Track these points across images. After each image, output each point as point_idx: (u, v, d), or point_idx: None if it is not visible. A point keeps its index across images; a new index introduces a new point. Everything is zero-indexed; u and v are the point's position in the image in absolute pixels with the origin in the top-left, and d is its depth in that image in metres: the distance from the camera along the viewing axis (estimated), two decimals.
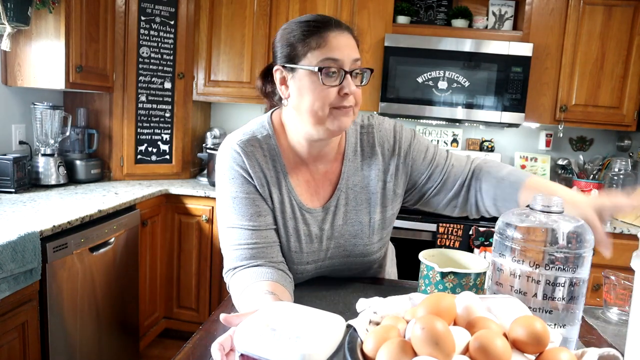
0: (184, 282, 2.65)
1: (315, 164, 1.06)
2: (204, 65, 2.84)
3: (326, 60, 0.92)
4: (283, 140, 1.05)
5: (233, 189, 1.00)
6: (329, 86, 0.93)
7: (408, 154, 1.10)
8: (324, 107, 0.94)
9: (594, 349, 0.58)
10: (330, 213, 1.06)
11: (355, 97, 0.96)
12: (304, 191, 1.05)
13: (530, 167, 2.96)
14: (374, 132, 1.10)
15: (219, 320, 0.89)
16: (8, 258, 1.40)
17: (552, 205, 0.76)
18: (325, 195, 1.07)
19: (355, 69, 0.95)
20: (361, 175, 1.09)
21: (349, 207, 1.07)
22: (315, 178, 1.06)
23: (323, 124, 0.96)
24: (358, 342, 0.60)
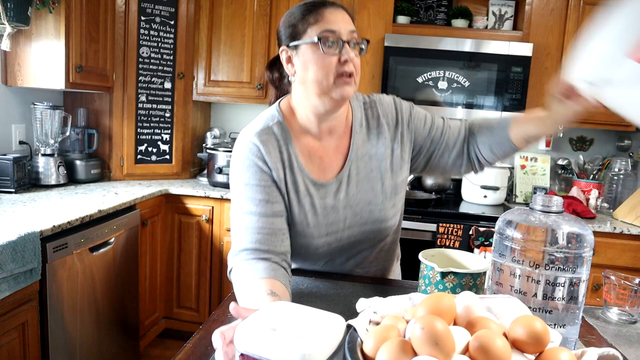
0: (184, 282, 2.65)
1: (326, 139, 1.12)
2: (204, 65, 2.84)
3: (324, 32, 1.00)
4: (293, 124, 1.11)
5: (246, 176, 1.05)
6: (329, 54, 1.00)
7: (410, 122, 1.18)
8: (327, 75, 1.01)
9: (594, 349, 0.58)
10: (344, 183, 1.11)
11: (355, 66, 1.03)
12: (316, 168, 1.10)
13: (530, 167, 2.97)
14: (377, 106, 1.17)
15: (219, 320, 0.89)
16: (8, 258, 1.40)
17: (552, 205, 0.76)
18: (337, 168, 1.12)
19: (352, 39, 1.02)
20: (369, 145, 1.15)
21: (360, 176, 1.12)
22: (328, 153, 1.12)
23: (328, 94, 1.02)
24: (358, 342, 0.60)
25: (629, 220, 2.46)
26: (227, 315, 0.91)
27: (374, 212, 1.12)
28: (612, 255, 2.34)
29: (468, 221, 2.37)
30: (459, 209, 2.55)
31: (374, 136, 1.15)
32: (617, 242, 2.34)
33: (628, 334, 0.97)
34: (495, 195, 2.69)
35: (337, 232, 1.11)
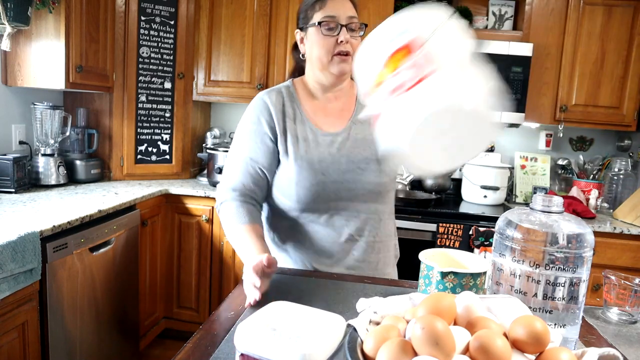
0: (184, 282, 2.65)
1: (331, 103, 1.30)
2: (204, 65, 2.84)
3: (325, 17, 1.19)
4: (301, 90, 1.31)
5: (250, 126, 1.25)
6: (328, 36, 1.19)
7: None
8: (327, 54, 1.20)
9: (594, 349, 0.58)
10: (344, 137, 1.26)
11: (352, 46, 1.20)
12: (319, 121, 1.28)
13: (530, 167, 2.97)
14: None
15: (219, 320, 0.89)
16: (8, 258, 1.40)
17: (552, 205, 0.76)
18: (341, 126, 1.28)
19: (350, 23, 1.19)
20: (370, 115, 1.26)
21: (359, 135, 1.27)
22: (333, 113, 1.30)
23: (327, 69, 1.22)
24: (358, 342, 0.60)
25: (629, 220, 2.46)
26: (228, 314, 0.91)
27: (371, 164, 1.24)
28: (612, 255, 2.34)
29: (468, 221, 2.37)
30: (459, 209, 2.55)
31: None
32: (617, 242, 2.34)
33: (628, 334, 0.97)
34: (495, 195, 2.69)
35: (333, 174, 1.22)
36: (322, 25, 1.19)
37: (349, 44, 1.20)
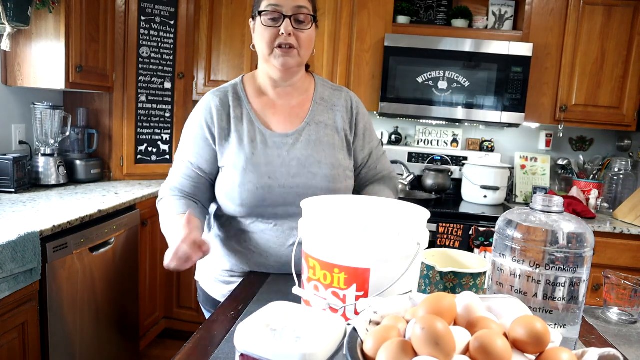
0: (184, 282, 2.65)
1: (283, 100, 1.23)
2: (204, 65, 2.84)
3: (267, 6, 1.12)
4: (250, 86, 1.25)
5: (192, 128, 1.21)
6: (268, 27, 1.12)
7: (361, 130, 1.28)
8: (268, 45, 1.13)
9: (594, 349, 0.58)
10: (295, 139, 1.20)
11: (299, 40, 1.14)
12: (269, 120, 1.21)
13: (530, 167, 2.97)
14: (343, 91, 1.30)
15: (219, 320, 0.89)
16: (8, 258, 1.40)
17: (553, 205, 0.76)
18: (293, 127, 1.22)
19: (297, 14, 1.12)
20: (326, 116, 1.25)
21: (312, 137, 1.21)
22: (284, 111, 1.23)
23: (269, 62, 1.16)
24: (358, 342, 0.60)
25: (629, 220, 2.46)
26: (228, 314, 0.91)
27: (324, 168, 1.18)
28: (612, 255, 2.34)
29: (468, 221, 2.37)
30: (459, 209, 2.55)
31: (332, 112, 1.26)
32: (617, 242, 2.34)
33: (628, 334, 0.97)
34: (495, 195, 2.69)
35: (281, 179, 1.16)
36: (263, 15, 1.12)
37: (294, 36, 1.13)
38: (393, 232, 0.74)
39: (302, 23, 1.13)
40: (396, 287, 0.74)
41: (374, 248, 0.73)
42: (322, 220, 0.78)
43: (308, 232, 0.79)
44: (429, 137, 3.06)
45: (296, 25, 1.13)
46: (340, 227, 0.75)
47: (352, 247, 0.73)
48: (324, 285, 0.77)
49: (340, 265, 0.75)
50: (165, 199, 1.20)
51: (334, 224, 0.76)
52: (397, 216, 0.91)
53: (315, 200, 0.90)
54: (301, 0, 1.13)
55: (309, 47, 1.18)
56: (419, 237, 0.76)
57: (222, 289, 1.27)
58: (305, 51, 1.17)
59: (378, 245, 0.73)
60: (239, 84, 1.25)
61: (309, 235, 0.79)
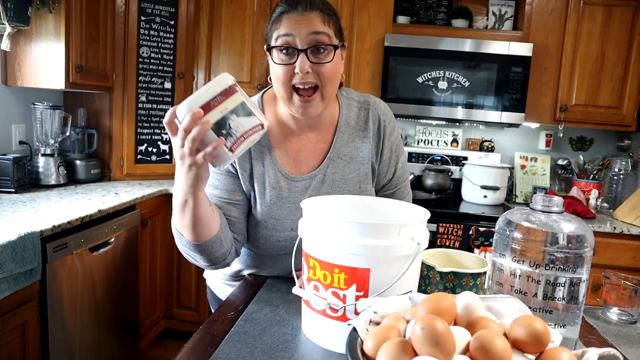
0: (184, 282, 2.65)
1: (306, 134, 1.07)
2: (204, 65, 2.84)
3: (279, 38, 0.93)
4: (270, 115, 1.07)
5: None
6: (280, 64, 0.94)
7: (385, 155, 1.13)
8: (282, 87, 0.95)
9: (594, 349, 0.58)
10: (318, 181, 1.06)
11: (320, 76, 0.94)
12: (291, 161, 1.06)
13: (530, 167, 2.96)
14: (370, 109, 1.11)
15: (219, 320, 0.89)
16: (8, 258, 1.40)
17: (553, 205, 0.76)
18: (314, 164, 1.07)
19: (314, 44, 0.93)
20: (352, 146, 1.09)
21: (336, 175, 1.08)
22: (307, 147, 1.07)
23: (288, 106, 0.98)
24: (358, 342, 0.60)
25: (629, 220, 2.46)
26: (228, 314, 0.91)
27: None
28: (612, 255, 2.34)
29: (468, 221, 2.37)
30: (459, 209, 2.55)
31: (359, 138, 1.10)
32: (617, 242, 2.34)
33: (628, 334, 0.97)
34: (495, 195, 2.69)
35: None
36: (275, 50, 0.93)
37: (313, 73, 0.93)
38: (393, 232, 0.74)
39: (322, 53, 0.94)
40: (396, 287, 0.74)
41: (374, 248, 0.73)
42: (322, 220, 0.78)
43: (308, 232, 0.79)
44: (429, 137, 3.06)
45: (315, 58, 0.93)
46: (340, 227, 0.75)
47: (352, 247, 0.73)
48: (324, 285, 0.77)
49: (340, 265, 0.75)
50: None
51: (334, 224, 0.76)
52: (397, 216, 0.91)
53: (315, 200, 0.90)
54: (317, 25, 0.93)
55: (335, 81, 0.98)
56: (419, 237, 0.76)
57: (228, 290, 1.24)
58: (330, 88, 0.97)
59: (378, 245, 0.73)
60: None
61: (309, 235, 0.79)
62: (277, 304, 0.96)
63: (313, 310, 0.80)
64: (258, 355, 0.76)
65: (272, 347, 0.78)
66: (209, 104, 0.78)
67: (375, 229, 0.74)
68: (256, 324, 0.86)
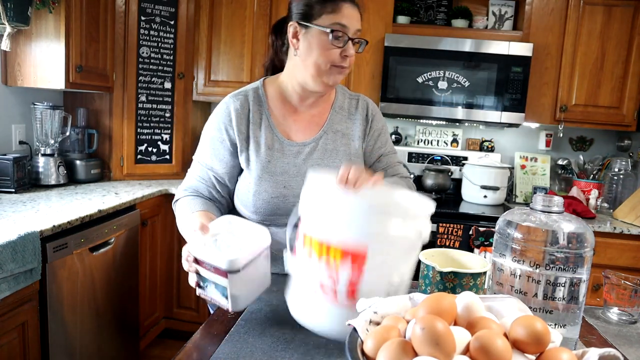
0: (184, 282, 2.65)
1: (304, 109, 1.23)
2: (204, 65, 2.84)
3: (337, 25, 1.09)
4: (272, 91, 1.23)
5: (210, 131, 1.20)
6: (335, 47, 1.10)
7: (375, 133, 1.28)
8: (327, 63, 1.11)
9: (594, 349, 0.58)
10: (311, 148, 1.20)
11: (350, 61, 1.14)
12: (287, 129, 1.21)
13: (530, 167, 2.96)
14: (359, 99, 1.31)
15: (219, 320, 0.89)
16: (8, 258, 1.40)
17: (553, 205, 0.76)
18: (310, 135, 1.22)
19: (355, 37, 1.13)
20: (344, 125, 1.26)
21: (329, 147, 1.21)
22: (304, 120, 1.23)
23: (321, 77, 1.13)
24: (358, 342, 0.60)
25: (629, 220, 2.46)
26: (228, 314, 0.91)
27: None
28: (612, 255, 2.34)
29: (468, 221, 2.37)
30: (459, 209, 2.55)
31: (350, 121, 1.27)
32: (617, 242, 2.34)
33: (628, 334, 0.97)
34: (495, 195, 2.69)
35: (296, 188, 1.15)
36: (332, 34, 1.09)
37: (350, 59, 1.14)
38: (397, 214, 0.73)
39: (357, 45, 1.16)
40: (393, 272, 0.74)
41: (374, 228, 0.72)
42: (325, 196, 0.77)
43: (309, 208, 0.78)
44: (429, 137, 3.06)
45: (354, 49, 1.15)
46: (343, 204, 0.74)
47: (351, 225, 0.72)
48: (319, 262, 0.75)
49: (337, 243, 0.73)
50: (180, 200, 1.19)
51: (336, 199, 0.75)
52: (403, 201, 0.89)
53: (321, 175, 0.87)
54: (360, 23, 1.14)
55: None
56: (421, 225, 0.75)
57: None
58: (349, 70, 1.19)
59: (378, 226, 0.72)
60: (260, 87, 1.23)
61: (310, 212, 0.78)
62: (277, 304, 0.96)
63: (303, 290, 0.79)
64: (258, 355, 0.76)
65: (272, 347, 0.78)
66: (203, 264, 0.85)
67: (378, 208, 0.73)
68: (256, 324, 0.86)
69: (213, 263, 0.80)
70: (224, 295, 0.82)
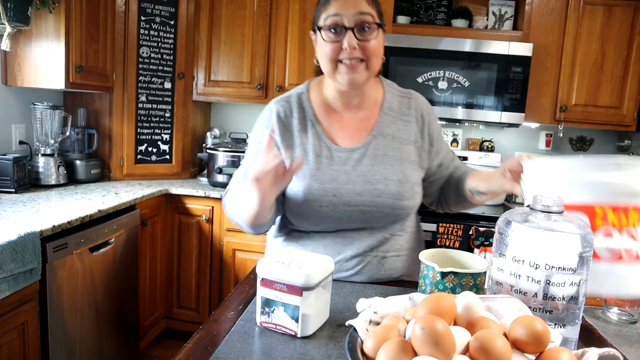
0: (184, 282, 2.65)
1: (350, 112, 1.17)
2: (204, 65, 2.84)
3: (328, 18, 1.03)
4: (315, 96, 1.18)
5: (255, 135, 1.18)
6: (329, 41, 1.04)
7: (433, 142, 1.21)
8: (329, 62, 1.06)
9: (594, 349, 0.58)
10: (360, 154, 1.13)
11: (366, 51, 1.04)
12: (334, 135, 1.15)
13: None
14: (412, 98, 1.22)
15: (219, 320, 0.89)
16: (8, 258, 1.40)
17: (553, 205, 0.76)
18: (359, 140, 1.15)
19: (360, 22, 1.02)
20: (395, 127, 1.17)
21: (379, 152, 1.14)
22: (351, 125, 1.16)
23: (335, 78, 1.08)
24: (358, 342, 0.60)
25: None
26: (228, 314, 0.91)
27: (390, 185, 1.11)
28: None
29: (468, 221, 2.37)
30: None
31: (402, 122, 1.18)
32: None
33: (628, 334, 0.97)
34: None
35: (346, 196, 1.10)
36: (324, 29, 1.04)
37: (359, 48, 1.03)
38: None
39: (367, 32, 1.03)
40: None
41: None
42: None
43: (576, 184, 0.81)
44: None
45: (360, 36, 1.03)
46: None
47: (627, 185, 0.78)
48: (617, 229, 0.79)
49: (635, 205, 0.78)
50: (230, 190, 1.16)
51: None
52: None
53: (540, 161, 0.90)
54: (363, 6, 1.03)
55: (379, 56, 1.09)
56: None
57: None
58: (375, 61, 1.08)
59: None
60: (304, 92, 1.18)
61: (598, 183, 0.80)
62: None
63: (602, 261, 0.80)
64: (258, 355, 0.76)
65: (272, 347, 0.78)
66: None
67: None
68: (256, 324, 0.86)
69: (287, 280, 0.80)
70: (293, 317, 0.81)
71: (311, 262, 0.85)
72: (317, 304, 0.83)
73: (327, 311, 0.89)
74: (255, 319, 0.88)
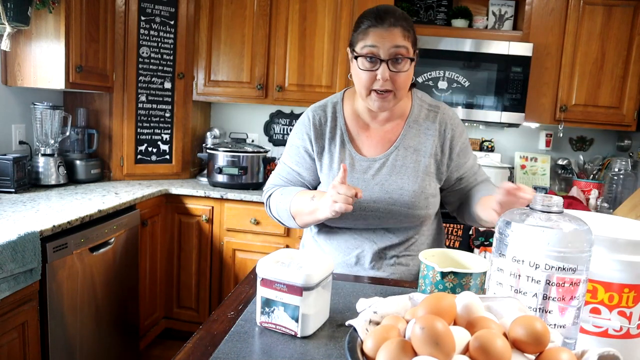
0: (184, 282, 2.65)
1: (377, 124, 1.25)
2: (204, 65, 2.84)
3: (365, 47, 1.11)
4: (348, 107, 1.28)
5: (294, 138, 1.29)
6: (364, 70, 1.12)
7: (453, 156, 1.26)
8: (362, 88, 1.15)
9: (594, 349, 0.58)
10: (381, 164, 1.22)
11: (394, 83, 1.12)
12: (360, 144, 1.25)
13: (530, 167, 2.96)
14: (438, 112, 1.27)
15: (219, 320, 0.89)
16: (8, 258, 1.40)
17: (553, 205, 0.76)
18: (381, 150, 1.24)
19: (395, 55, 1.10)
20: (417, 141, 1.25)
21: (398, 163, 1.22)
22: (377, 135, 1.25)
23: (366, 101, 1.17)
24: (358, 342, 0.60)
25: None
26: (228, 314, 0.91)
27: (405, 196, 1.20)
28: None
29: None
30: None
31: (424, 135, 1.25)
32: None
33: None
34: None
35: (362, 202, 1.19)
36: (360, 57, 1.12)
37: (390, 81, 1.11)
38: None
39: (399, 64, 1.11)
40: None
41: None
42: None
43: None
44: None
45: (393, 67, 1.11)
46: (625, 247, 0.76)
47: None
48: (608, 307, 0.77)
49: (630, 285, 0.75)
50: (274, 193, 1.27)
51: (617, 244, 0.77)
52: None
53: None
54: (399, 39, 1.10)
55: (406, 87, 1.17)
56: None
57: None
58: (402, 92, 1.16)
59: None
60: (339, 102, 1.28)
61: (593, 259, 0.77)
62: None
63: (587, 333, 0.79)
64: (258, 355, 0.76)
65: (272, 347, 0.78)
66: None
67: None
68: (256, 324, 0.87)
69: (287, 280, 0.81)
70: (293, 317, 0.82)
71: (311, 262, 0.86)
72: (317, 304, 0.83)
73: (327, 311, 0.90)
74: (255, 319, 0.88)
